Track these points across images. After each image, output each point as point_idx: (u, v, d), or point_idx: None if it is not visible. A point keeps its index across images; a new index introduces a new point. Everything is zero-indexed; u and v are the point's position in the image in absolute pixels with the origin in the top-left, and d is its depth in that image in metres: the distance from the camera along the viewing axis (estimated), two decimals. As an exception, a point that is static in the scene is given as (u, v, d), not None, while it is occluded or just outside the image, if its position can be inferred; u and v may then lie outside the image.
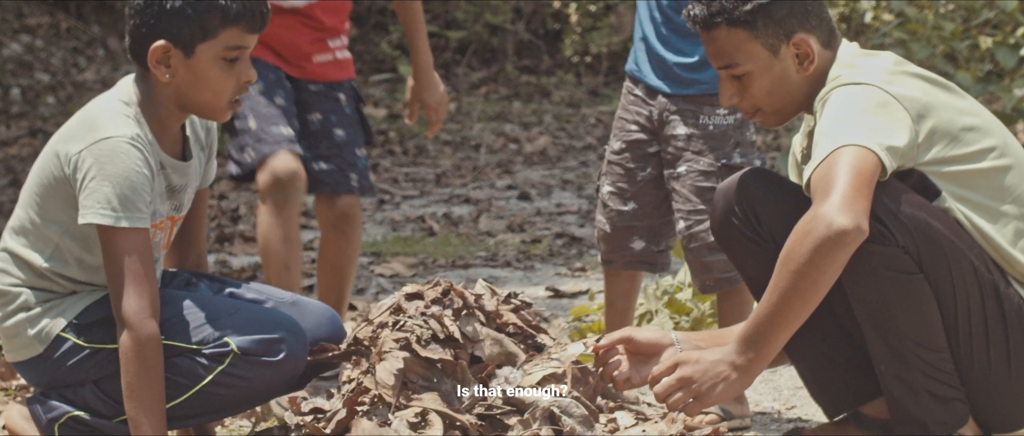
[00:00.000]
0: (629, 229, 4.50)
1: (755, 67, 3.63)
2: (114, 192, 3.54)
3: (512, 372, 3.67)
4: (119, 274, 3.55)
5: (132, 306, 3.55)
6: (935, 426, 3.61)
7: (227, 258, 7.06)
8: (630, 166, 4.49)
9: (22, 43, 11.82)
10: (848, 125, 3.47)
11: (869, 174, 3.41)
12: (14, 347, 3.74)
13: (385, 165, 9.70)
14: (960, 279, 3.54)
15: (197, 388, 3.67)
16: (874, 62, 3.63)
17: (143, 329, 3.55)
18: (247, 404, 3.81)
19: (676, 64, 4.45)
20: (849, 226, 3.34)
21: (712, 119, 4.42)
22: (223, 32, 3.62)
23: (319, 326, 3.87)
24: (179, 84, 3.65)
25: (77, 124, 3.67)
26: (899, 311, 3.52)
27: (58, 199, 3.65)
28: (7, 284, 3.72)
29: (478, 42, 12.89)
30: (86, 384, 3.71)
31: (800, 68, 3.64)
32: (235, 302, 3.79)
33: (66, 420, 3.71)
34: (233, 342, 3.66)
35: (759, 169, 3.81)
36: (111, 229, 3.56)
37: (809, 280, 3.37)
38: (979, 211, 3.59)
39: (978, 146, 3.58)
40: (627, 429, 3.74)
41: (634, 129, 4.51)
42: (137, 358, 3.55)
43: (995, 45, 8.39)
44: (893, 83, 3.55)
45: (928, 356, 3.56)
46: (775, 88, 3.65)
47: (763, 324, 3.44)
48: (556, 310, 5.90)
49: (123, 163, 3.56)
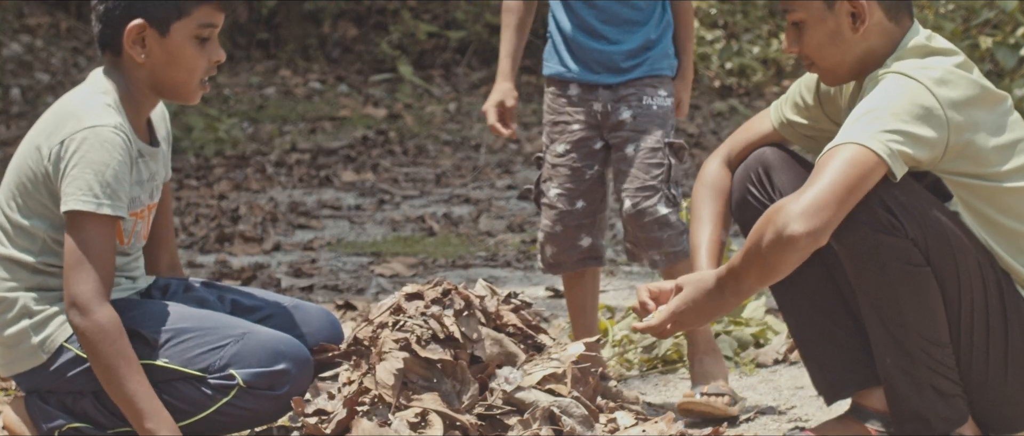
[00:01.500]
0: (579, 227, 4.52)
1: (808, 16, 3.65)
2: (96, 179, 3.55)
3: (512, 372, 3.67)
4: (77, 258, 3.55)
5: (86, 289, 3.55)
6: (938, 422, 3.62)
7: (227, 258, 7.06)
8: (577, 166, 4.51)
9: (22, 43, 11.82)
10: (875, 120, 3.47)
11: (858, 180, 3.43)
12: (14, 357, 3.71)
13: (385, 165, 9.70)
14: (966, 275, 3.55)
15: (200, 416, 3.67)
16: (938, 60, 3.60)
17: (100, 311, 3.55)
18: (248, 427, 3.82)
19: (617, 53, 4.47)
20: (800, 233, 3.39)
21: (655, 100, 4.47)
22: (196, 10, 3.67)
23: (320, 330, 3.89)
24: (154, 65, 3.68)
25: (56, 117, 3.67)
26: (906, 303, 3.53)
27: (39, 195, 3.65)
28: (2, 291, 3.70)
29: (478, 42, 12.89)
30: (86, 394, 3.70)
31: (854, 27, 3.64)
32: (242, 324, 3.77)
33: (66, 431, 3.71)
34: (239, 376, 3.66)
35: (777, 146, 3.85)
36: (87, 215, 3.56)
37: (765, 265, 3.47)
38: (987, 224, 3.59)
39: (1004, 167, 3.57)
40: (627, 429, 3.74)
41: (577, 128, 4.51)
42: (105, 340, 3.54)
43: (995, 45, 8.39)
44: (945, 87, 3.53)
45: (932, 350, 3.56)
46: (827, 42, 3.66)
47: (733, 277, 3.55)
48: (556, 310, 5.90)
49: (107, 151, 3.57)
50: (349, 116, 11.23)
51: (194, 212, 8.20)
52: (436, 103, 11.81)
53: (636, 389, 4.71)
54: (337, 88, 12.25)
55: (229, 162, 9.72)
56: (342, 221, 8.05)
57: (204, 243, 7.39)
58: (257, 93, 11.97)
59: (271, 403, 3.69)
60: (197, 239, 7.49)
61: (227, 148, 10.04)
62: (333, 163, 9.74)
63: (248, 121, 11.08)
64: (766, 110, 3.95)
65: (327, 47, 12.96)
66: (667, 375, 4.89)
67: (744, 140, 3.91)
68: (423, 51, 12.85)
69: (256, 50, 12.93)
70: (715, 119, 11.23)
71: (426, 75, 12.57)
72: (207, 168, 9.54)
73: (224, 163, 9.69)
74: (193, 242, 7.43)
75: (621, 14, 4.47)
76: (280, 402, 3.69)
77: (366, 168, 9.58)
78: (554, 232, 4.54)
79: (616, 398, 4.00)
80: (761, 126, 3.91)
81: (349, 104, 11.64)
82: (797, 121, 3.85)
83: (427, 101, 11.88)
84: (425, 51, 12.87)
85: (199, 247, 7.32)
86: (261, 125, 10.98)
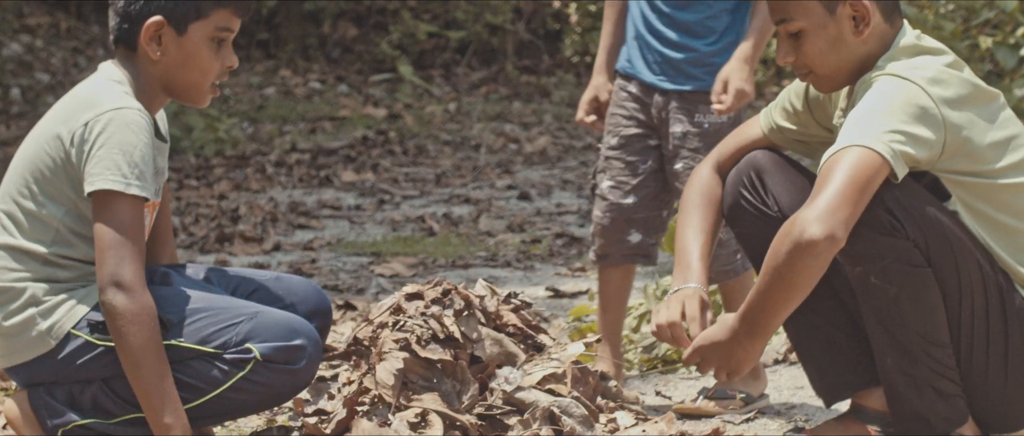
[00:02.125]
0: (628, 222, 4.53)
1: (809, 24, 3.63)
2: (125, 159, 3.56)
3: (512, 372, 3.68)
4: (117, 239, 3.54)
5: (131, 270, 3.54)
6: (937, 422, 3.62)
7: (227, 258, 7.06)
8: (631, 159, 4.53)
9: (22, 43, 11.82)
10: (873, 122, 3.47)
11: (866, 180, 3.42)
12: (18, 346, 3.67)
13: (385, 165, 9.70)
14: (966, 276, 3.55)
15: (215, 393, 3.66)
16: (928, 59, 3.60)
17: (144, 294, 3.54)
18: (258, 409, 3.80)
19: (673, 59, 4.47)
20: (820, 237, 3.38)
21: (707, 117, 4.46)
22: (215, 12, 3.70)
23: (307, 299, 3.88)
24: (168, 64, 3.70)
25: (73, 105, 3.67)
26: (906, 304, 3.53)
27: (58, 181, 3.64)
28: (9, 280, 3.67)
29: (478, 42, 12.89)
30: (94, 382, 3.68)
31: (856, 31, 3.63)
32: (252, 304, 3.77)
33: (72, 428, 3.69)
34: (256, 349, 3.65)
35: (768, 149, 3.84)
36: (117, 194, 3.55)
37: (787, 281, 3.45)
38: (985, 222, 3.59)
39: (1001, 163, 3.57)
40: (627, 429, 3.74)
41: (631, 125, 4.54)
42: (145, 324, 3.53)
43: (995, 45, 8.39)
44: (938, 85, 3.53)
45: (933, 351, 3.56)
46: (828, 49, 3.64)
47: (754, 310, 3.53)
48: (556, 310, 5.90)
49: (133, 133, 3.58)
50: (349, 116, 11.23)
51: (194, 212, 8.20)
52: (436, 103, 11.81)
53: (636, 389, 4.71)
54: (337, 88, 12.26)
55: (229, 162, 9.72)
56: (342, 221, 8.05)
57: (204, 243, 7.39)
58: (257, 93, 11.98)
59: (286, 378, 3.66)
60: (197, 239, 7.49)
61: (227, 148, 10.04)
62: (333, 163, 9.74)
63: (248, 121, 11.08)
64: (756, 116, 3.94)
65: (327, 47, 12.97)
66: (667, 375, 4.89)
67: (734, 146, 3.90)
68: (423, 51, 12.85)
69: (256, 50, 12.93)
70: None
71: (426, 75, 12.58)
72: (207, 168, 9.54)
73: (224, 163, 9.69)
74: (193, 242, 7.43)
75: (686, 22, 4.48)
76: (294, 378, 3.67)
77: (366, 168, 9.58)
78: (603, 224, 4.57)
79: (616, 398, 4.00)
80: (751, 132, 3.91)
81: (349, 104, 11.64)
82: (787, 127, 3.85)
83: (427, 101, 11.88)
84: (425, 51, 12.87)
85: (199, 247, 7.33)
86: (261, 125, 10.98)
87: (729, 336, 3.58)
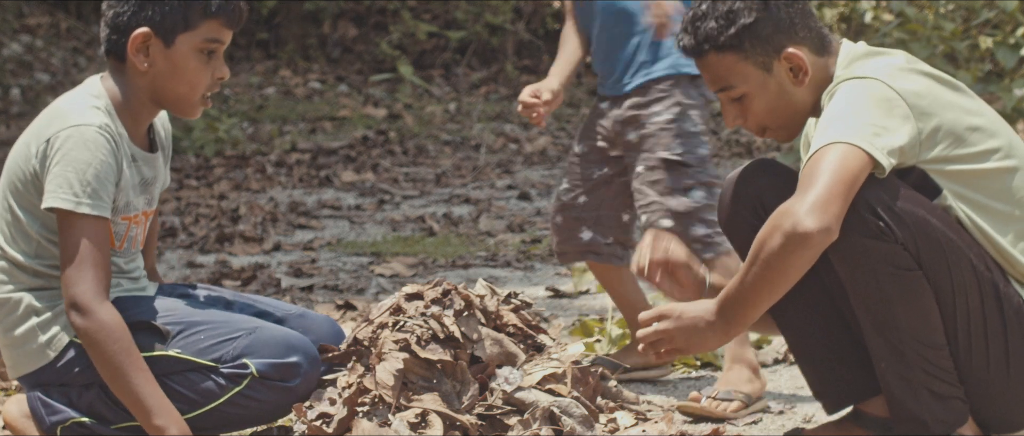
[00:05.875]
0: (578, 220, 4.77)
1: (750, 87, 3.64)
2: (77, 177, 3.56)
3: (512, 372, 3.68)
4: (72, 259, 3.55)
5: (86, 289, 3.54)
6: (935, 424, 3.61)
7: (227, 258, 7.06)
8: (587, 164, 4.77)
9: (22, 43, 11.82)
10: (847, 120, 3.48)
11: (852, 175, 3.42)
12: (22, 358, 3.71)
13: (385, 165, 9.70)
14: (959, 276, 3.54)
15: (210, 406, 3.67)
16: (883, 59, 3.63)
17: (102, 311, 3.55)
18: (253, 423, 3.81)
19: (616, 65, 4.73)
20: (814, 229, 3.37)
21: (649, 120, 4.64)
22: (203, 24, 3.68)
23: (325, 338, 3.89)
24: (156, 75, 3.69)
25: (46, 117, 3.68)
26: (899, 307, 3.52)
27: (29, 194, 3.65)
28: (5, 292, 3.70)
29: (478, 42, 12.89)
30: (93, 387, 3.70)
31: (795, 81, 3.65)
32: (251, 319, 3.77)
33: (70, 424, 3.70)
34: (252, 365, 3.66)
35: (764, 159, 3.84)
36: (70, 213, 3.56)
37: (775, 271, 3.42)
38: (981, 211, 3.59)
39: (983, 147, 3.58)
40: (627, 429, 3.74)
41: (598, 137, 4.76)
42: (108, 338, 3.54)
43: (995, 45, 8.39)
44: (899, 79, 3.55)
45: (928, 353, 3.56)
46: (774, 104, 3.67)
47: (736, 299, 3.49)
48: (556, 310, 5.90)
49: (89, 150, 3.57)
50: (349, 116, 11.23)
51: (194, 212, 8.21)
52: (436, 103, 11.81)
53: (636, 389, 4.71)
54: (337, 88, 12.26)
55: (229, 162, 9.72)
56: (342, 221, 8.05)
57: (204, 243, 7.39)
58: (257, 93, 11.98)
59: (281, 395, 3.68)
60: (197, 239, 7.49)
61: (227, 148, 10.04)
62: (333, 163, 9.74)
63: (248, 121, 11.08)
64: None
65: (327, 47, 12.97)
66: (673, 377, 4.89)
67: None
68: (423, 51, 12.85)
69: (256, 50, 12.93)
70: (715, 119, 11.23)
71: (426, 75, 12.58)
72: (207, 168, 9.54)
73: (224, 163, 9.69)
74: (193, 242, 7.43)
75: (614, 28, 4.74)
76: (290, 395, 3.68)
77: (366, 168, 9.58)
78: (555, 222, 4.83)
79: (616, 398, 4.00)
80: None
81: (349, 104, 11.64)
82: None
83: (427, 101, 11.88)
84: (425, 51, 12.87)
85: (199, 247, 7.33)
86: (261, 125, 10.98)
87: (704, 323, 3.52)
